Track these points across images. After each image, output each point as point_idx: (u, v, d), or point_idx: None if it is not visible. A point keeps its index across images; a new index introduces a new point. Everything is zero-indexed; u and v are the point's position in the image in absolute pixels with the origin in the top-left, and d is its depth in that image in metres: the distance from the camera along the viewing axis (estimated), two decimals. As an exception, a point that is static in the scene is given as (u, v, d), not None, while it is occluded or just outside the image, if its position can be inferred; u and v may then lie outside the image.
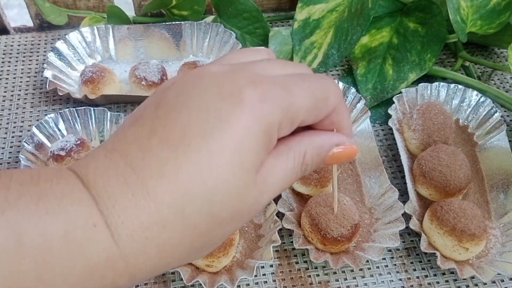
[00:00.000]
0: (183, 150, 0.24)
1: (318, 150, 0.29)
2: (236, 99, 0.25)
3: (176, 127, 0.24)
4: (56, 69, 0.59)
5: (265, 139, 0.26)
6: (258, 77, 0.26)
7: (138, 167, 0.24)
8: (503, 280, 0.45)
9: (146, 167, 0.24)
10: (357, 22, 0.58)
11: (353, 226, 0.44)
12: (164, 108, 0.25)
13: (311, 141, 0.29)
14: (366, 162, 0.52)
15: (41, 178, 0.23)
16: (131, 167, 0.24)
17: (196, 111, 0.25)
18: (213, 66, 0.27)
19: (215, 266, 0.43)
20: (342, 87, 0.56)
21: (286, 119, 0.26)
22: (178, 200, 0.23)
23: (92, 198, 0.23)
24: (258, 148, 0.25)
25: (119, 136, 0.25)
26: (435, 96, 0.56)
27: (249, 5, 0.63)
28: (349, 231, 0.43)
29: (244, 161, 0.25)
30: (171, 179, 0.23)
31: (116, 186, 0.23)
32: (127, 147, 0.24)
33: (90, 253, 0.22)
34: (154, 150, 0.24)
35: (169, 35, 0.64)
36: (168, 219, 0.23)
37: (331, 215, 0.43)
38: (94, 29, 0.62)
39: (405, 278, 0.46)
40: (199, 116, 0.25)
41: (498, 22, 0.58)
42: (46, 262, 0.21)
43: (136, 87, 0.57)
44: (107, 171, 0.24)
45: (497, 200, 0.49)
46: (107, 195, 0.23)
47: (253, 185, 0.26)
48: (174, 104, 0.25)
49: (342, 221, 0.43)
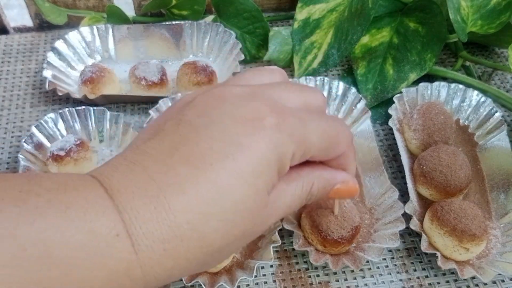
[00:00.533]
0: (204, 170, 0.25)
1: (324, 183, 0.32)
2: (257, 126, 0.27)
3: (198, 147, 0.26)
4: (55, 69, 0.59)
5: (279, 165, 0.27)
6: (278, 106, 0.28)
7: (160, 181, 0.25)
8: (503, 281, 0.45)
9: (168, 182, 0.25)
10: (357, 22, 0.58)
11: (353, 228, 0.44)
12: (186, 127, 0.27)
13: (319, 175, 0.32)
14: (366, 162, 0.51)
15: (68, 186, 0.24)
16: (154, 180, 0.25)
17: (218, 133, 0.26)
18: (234, 88, 0.29)
19: (215, 267, 0.43)
20: (342, 87, 0.56)
21: (299, 151, 0.28)
22: (196, 217, 0.25)
23: (115, 207, 0.24)
24: (272, 173, 0.27)
25: (140, 149, 0.27)
26: (435, 96, 0.56)
27: (249, 5, 0.63)
28: (349, 233, 0.43)
29: (258, 183, 0.26)
30: (191, 196, 0.25)
31: (138, 198, 0.24)
32: (149, 160, 0.26)
33: (112, 262, 0.23)
34: (176, 167, 0.25)
35: (169, 35, 0.63)
36: (186, 235, 0.24)
37: (332, 217, 0.43)
38: (93, 29, 0.62)
39: (406, 279, 0.45)
40: (221, 139, 0.26)
41: (498, 22, 0.58)
42: (70, 270, 0.22)
43: (136, 87, 0.57)
44: (130, 182, 0.25)
45: (498, 200, 0.49)
46: (130, 206, 0.24)
47: (264, 207, 0.28)
48: (196, 124, 0.27)
49: (343, 223, 0.43)
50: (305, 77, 0.57)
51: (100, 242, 0.23)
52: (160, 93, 0.57)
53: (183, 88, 0.58)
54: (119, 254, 0.23)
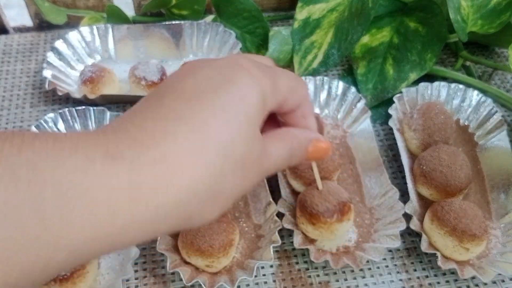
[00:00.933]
0: (198, 103, 0.27)
1: (300, 141, 0.34)
2: (236, 66, 0.29)
3: (187, 86, 0.28)
4: (55, 69, 0.59)
5: (261, 101, 0.29)
6: (253, 59, 0.31)
7: (156, 117, 0.26)
8: (503, 281, 0.45)
9: (163, 116, 0.26)
10: (357, 21, 0.58)
11: (340, 203, 0.43)
12: (170, 80, 0.29)
13: (294, 133, 0.34)
14: (367, 162, 0.51)
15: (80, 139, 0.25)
16: (151, 118, 0.26)
17: (202, 76, 0.28)
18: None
19: (215, 267, 0.43)
20: (342, 87, 0.56)
21: (273, 91, 0.30)
22: (197, 142, 0.26)
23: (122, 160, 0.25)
24: (259, 106, 0.29)
25: (128, 112, 0.28)
26: (435, 96, 0.56)
27: (249, 5, 0.63)
28: (335, 207, 0.43)
29: (248, 112, 0.28)
30: (188, 125, 0.26)
31: (139, 129, 0.26)
32: (140, 110, 0.27)
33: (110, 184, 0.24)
34: (169, 106, 0.27)
35: (169, 34, 0.63)
36: (189, 161, 0.25)
37: (317, 192, 0.44)
38: (93, 29, 0.62)
39: (406, 279, 0.45)
40: (207, 78, 0.28)
41: (498, 22, 0.58)
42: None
43: (136, 87, 0.57)
44: (127, 125, 0.26)
45: (498, 200, 0.49)
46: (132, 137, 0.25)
47: (258, 138, 0.29)
48: (182, 75, 0.29)
49: (328, 197, 0.43)
50: (305, 77, 0.57)
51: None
52: (160, 93, 0.57)
53: (183, 88, 0.58)
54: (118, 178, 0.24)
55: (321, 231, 0.44)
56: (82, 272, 0.41)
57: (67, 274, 0.40)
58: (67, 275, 0.40)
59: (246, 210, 0.48)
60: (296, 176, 0.48)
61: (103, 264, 0.45)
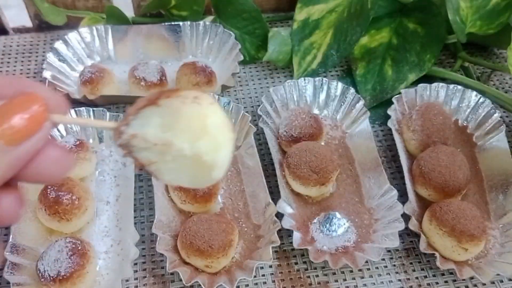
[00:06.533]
0: None
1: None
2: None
3: None
4: (55, 70, 0.59)
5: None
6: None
7: None
8: (502, 281, 0.45)
9: None
10: (356, 22, 0.58)
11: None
12: None
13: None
14: (366, 163, 0.52)
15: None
16: None
17: None
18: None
19: (214, 267, 0.43)
20: (341, 88, 0.56)
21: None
22: None
23: None
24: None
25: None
26: (434, 96, 0.56)
27: (248, 6, 0.63)
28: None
29: None
30: None
31: None
32: None
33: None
34: None
35: (168, 35, 0.63)
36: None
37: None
38: (93, 30, 0.62)
39: (404, 279, 0.46)
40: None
41: (497, 23, 0.58)
42: None
43: (135, 87, 0.57)
44: None
45: (496, 200, 0.49)
46: None
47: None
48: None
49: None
50: (304, 78, 0.57)
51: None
52: (160, 93, 0.57)
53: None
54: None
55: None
56: (82, 272, 0.41)
57: (67, 274, 0.40)
58: (67, 275, 0.40)
59: (245, 211, 0.48)
60: (295, 176, 0.48)
61: (103, 264, 0.45)
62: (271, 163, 0.52)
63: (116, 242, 0.46)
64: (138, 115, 0.25)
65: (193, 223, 0.43)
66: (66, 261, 0.41)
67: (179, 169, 0.26)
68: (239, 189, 0.50)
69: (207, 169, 0.25)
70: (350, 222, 0.48)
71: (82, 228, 0.47)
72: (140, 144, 0.25)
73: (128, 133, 0.25)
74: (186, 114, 0.24)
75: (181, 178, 0.26)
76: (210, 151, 0.25)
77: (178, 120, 0.24)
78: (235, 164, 0.52)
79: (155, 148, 0.25)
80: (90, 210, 0.47)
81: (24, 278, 0.42)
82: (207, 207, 0.47)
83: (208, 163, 0.25)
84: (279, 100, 0.56)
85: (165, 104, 0.24)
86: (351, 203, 0.49)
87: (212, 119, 0.25)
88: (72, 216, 0.45)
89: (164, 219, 0.46)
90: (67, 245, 0.42)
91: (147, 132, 0.25)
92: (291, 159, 0.48)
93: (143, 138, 0.25)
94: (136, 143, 0.25)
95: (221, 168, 0.26)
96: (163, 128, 0.25)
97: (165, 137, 0.25)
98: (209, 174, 0.26)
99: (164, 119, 0.24)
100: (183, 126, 0.25)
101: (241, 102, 0.60)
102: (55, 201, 0.44)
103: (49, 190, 0.45)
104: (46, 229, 0.46)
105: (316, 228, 0.47)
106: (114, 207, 0.49)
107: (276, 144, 0.53)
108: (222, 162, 0.26)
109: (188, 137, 0.25)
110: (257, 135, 0.55)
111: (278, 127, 0.54)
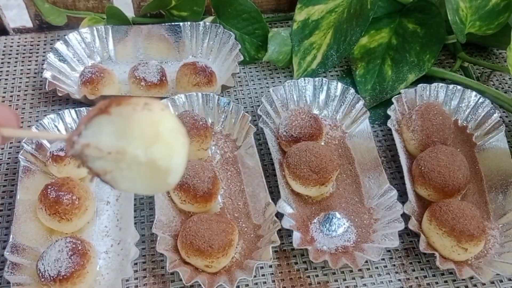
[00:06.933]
0: None
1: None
2: None
3: None
4: (55, 70, 0.59)
5: None
6: None
7: None
8: (501, 281, 0.45)
9: None
10: (356, 23, 0.59)
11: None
12: None
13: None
14: (365, 163, 0.52)
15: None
16: None
17: None
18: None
19: (214, 267, 0.43)
20: (341, 88, 0.56)
21: None
22: None
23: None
24: None
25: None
26: (434, 96, 0.56)
27: (248, 6, 0.63)
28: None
29: None
30: None
31: None
32: None
33: None
34: None
35: (169, 36, 0.64)
36: None
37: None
38: (93, 30, 0.62)
39: (404, 279, 0.46)
40: None
41: (497, 23, 0.58)
42: None
43: (135, 87, 0.57)
44: None
45: (496, 200, 0.49)
46: None
47: None
48: None
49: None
50: (304, 78, 0.57)
51: None
52: (160, 94, 0.58)
53: (182, 89, 0.58)
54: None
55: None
56: (82, 272, 0.41)
57: (67, 274, 0.40)
58: (67, 275, 0.40)
59: (245, 211, 0.48)
60: (295, 176, 0.48)
61: (103, 264, 0.45)
62: (271, 163, 0.52)
63: (116, 242, 0.46)
64: (90, 124, 0.24)
65: (193, 223, 0.43)
66: (66, 261, 0.41)
67: (135, 176, 0.26)
68: (239, 189, 0.50)
69: (163, 174, 0.25)
70: (350, 222, 0.48)
71: (82, 228, 0.47)
72: (93, 153, 0.25)
73: (81, 142, 0.24)
74: (138, 121, 0.24)
75: (137, 185, 0.26)
76: (164, 156, 0.25)
77: (130, 127, 0.24)
78: (235, 164, 0.52)
79: (109, 156, 0.25)
80: (90, 210, 0.47)
81: (24, 278, 0.42)
82: (207, 207, 0.47)
83: (163, 169, 0.25)
84: (279, 100, 0.56)
85: (116, 112, 0.24)
86: (351, 203, 0.50)
87: (165, 125, 0.25)
88: (72, 216, 0.45)
89: (164, 219, 0.46)
90: (67, 245, 0.42)
91: (100, 141, 0.25)
92: (291, 159, 0.48)
93: (96, 147, 0.24)
94: (89, 152, 0.25)
95: (177, 173, 0.26)
96: (116, 136, 0.24)
97: (118, 145, 0.25)
98: (165, 180, 0.25)
99: (116, 127, 0.24)
100: (135, 133, 0.25)
101: (241, 102, 0.60)
102: (56, 201, 0.44)
103: (49, 190, 0.45)
104: (46, 229, 0.46)
105: (316, 228, 0.47)
106: (114, 207, 0.49)
107: (276, 144, 0.53)
108: (177, 167, 0.25)
109: (142, 144, 0.24)
110: (257, 135, 0.55)
111: (278, 127, 0.54)
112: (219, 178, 0.50)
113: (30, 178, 0.48)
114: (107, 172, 0.25)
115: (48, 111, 0.58)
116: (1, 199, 0.50)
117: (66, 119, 0.53)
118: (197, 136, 0.50)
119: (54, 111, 0.57)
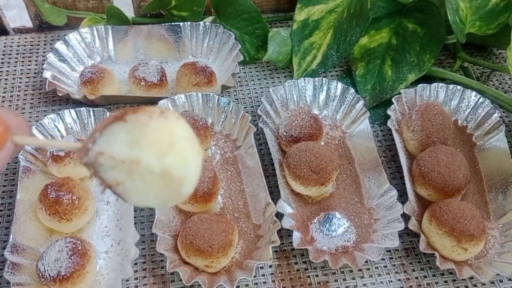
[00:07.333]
0: None
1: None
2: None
3: None
4: (55, 70, 0.59)
5: None
6: None
7: None
8: (501, 281, 0.45)
9: None
10: (356, 23, 0.59)
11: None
12: None
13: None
14: (365, 163, 0.52)
15: None
16: None
17: None
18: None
19: (214, 267, 0.43)
20: (341, 88, 0.56)
21: None
22: None
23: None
24: None
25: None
26: (434, 96, 0.56)
27: (248, 6, 0.63)
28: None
29: None
30: None
31: None
32: None
33: None
34: None
35: (169, 36, 0.64)
36: None
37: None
38: (93, 30, 0.62)
39: (404, 279, 0.46)
40: None
41: (497, 23, 0.58)
42: None
43: (135, 87, 0.58)
44: None
45: (496, 200, 0.49)
46: None
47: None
48: None
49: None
50: (303, 78, 0.57)
51: None
52: (160, 93, 0.58)
53: (182, 89, 0.58)
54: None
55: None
56: (82, 272, 0.41)
57: (67, 274, 0.40)
58: (67, 275, 0.40)
59: (245, 211, 0.48)
60: (295, 176, 0.48)
61: (103, 264, 0.45)
62: (271, 163, 0.52)
63: (116, 242, 0.46)
64: (105, 131, 0.24)
65: (193, 223, 0.43)
66: (66, 261, 0.41)
67: (148, 188, 0.25)
68: (239, 189, 0.50)
69: (177, 184, 0.25)
70: (350, 222, 0.48)
71: (82, 228, 0.47)
72: (107, 162, 0.24)
73: (95, 150, 0.24)
74: (154, 129, 0.24)
75: (150, 198, 0.25)
76: (179, 165, 0.24)
77: (145, 134, 0.24)
78: (235, 164, 0.52)
79: (122, 166, 0.24)
80: (90, 210, 0.47)
81: (24, 278, 0.42)
82: (207, 207, 0.47)
83: (177, 178, 0.24)
84: (279, 100, 0.56)
85: (132, 120, 0.24)
86: (351, 203, 0.50)
87: (179, 133, 0.24)
88: (72, 216, 0.45)
89: (164, 219, 0.46)
90: (67, 245, 0.42)
91: (114, 149, 0.24)
92: (291, 159, 0.48)
93: (110, 156, 0.24)
94: (103, 161, 0.24)
95: (191, 182, 0.25)
96: (130, 144, 0.24)
97: (132, 154, 0.24)
98: (179, 190, 0.25)
99: (131, 135, 0.24)
100: (150, 140, 0.24)
101: (241, 102, 0.60)
102: (55, 201, 0.44)
103: (49, 190, 0.45)
104: (46, 229, 0.46)
105: (316, 228, 0.47)
106: (114, 207, 0.49)
107: (276, 144, 0.53)
108: (191, 177, 0.25)
109: (156, 152, 0.24)
110: (257, 135, 0.55)
111: (278, 127, 0.54)
112: (219, 178, 0.50)
113: (30, 178, 0.48)
114: (119, 183, 0.25)
115: (48, 111, 0.58)
116: (1, 199, 0.50)
117: (66, 119, 0.53)
118: (197, 136, 0.50)
119: (54, 111, 0.57)
